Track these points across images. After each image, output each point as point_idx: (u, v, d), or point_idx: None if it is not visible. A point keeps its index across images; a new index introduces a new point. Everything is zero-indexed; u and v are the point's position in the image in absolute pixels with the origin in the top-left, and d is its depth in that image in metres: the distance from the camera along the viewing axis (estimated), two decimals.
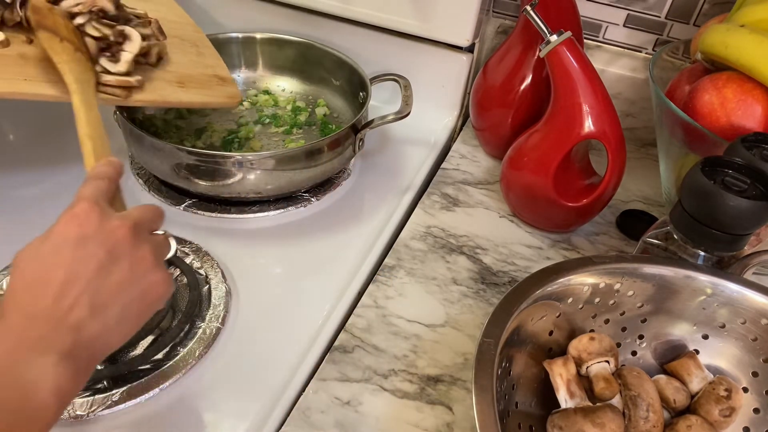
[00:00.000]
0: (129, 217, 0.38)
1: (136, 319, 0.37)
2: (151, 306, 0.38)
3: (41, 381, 0.31)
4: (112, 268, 0.35)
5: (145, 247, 0.38)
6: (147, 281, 0.37)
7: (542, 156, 0.63)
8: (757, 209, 0.43)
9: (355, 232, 0.68)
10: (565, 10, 0.69)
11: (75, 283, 0.34)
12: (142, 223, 0.39)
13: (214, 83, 0.70)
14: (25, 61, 0.57)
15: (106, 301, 0.35)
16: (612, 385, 0.44)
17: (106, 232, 0.36)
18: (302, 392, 0.51)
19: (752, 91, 0.55)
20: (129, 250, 0.36)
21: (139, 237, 0.38)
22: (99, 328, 0.34)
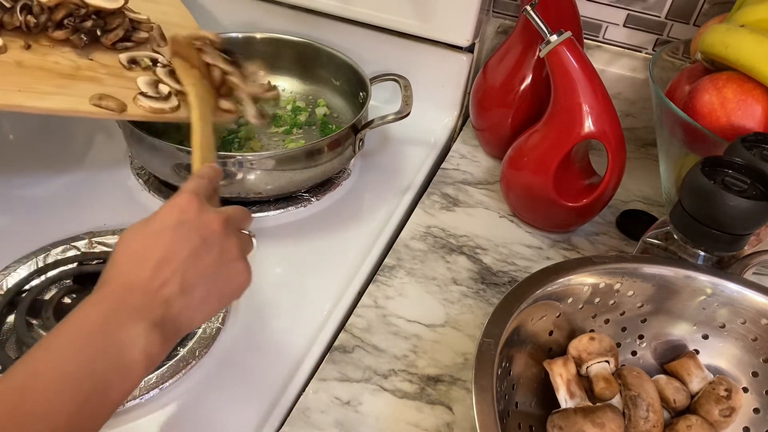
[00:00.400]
0: (223, 212, 0.42)
1: (217, 301, 0.40)
2: (233, 292, 0.42)
3: (134, 343, 0.34)
4: (203, 253, 0.39)
5: (233, 240, 0.41)
6: (231, 269, 0.41)
7: (542, 156, 0.63)
8: (757, 209, 0.43)
9: (355, 232, 0.68)
10: (565, 10, 0.69)
11: (170, 263, 0.37)
12: (233, 220, 0.43)
13: (211, 96, 0.69)
14: (21, 69, 0.56)
15: (195, 282, 0.38)
16: (612, 385, 0.44)
17: (203, 221, 0.40)
18: (302, 392, 0.51)
19: (752, 91, 0.55)
20: (219, 239, 0.40)
21: (229, 230, 0.41)
22: (185, 304, 0.38)
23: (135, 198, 0.69)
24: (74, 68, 0.60)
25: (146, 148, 0.66)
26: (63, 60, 0.60)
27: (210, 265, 0.39)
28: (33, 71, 0.56)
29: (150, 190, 0.70)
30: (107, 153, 0.77)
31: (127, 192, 0.70)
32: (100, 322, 0.35)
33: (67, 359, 0.33)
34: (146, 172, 0.72)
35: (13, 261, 0.58)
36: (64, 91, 0.56)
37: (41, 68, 0.57)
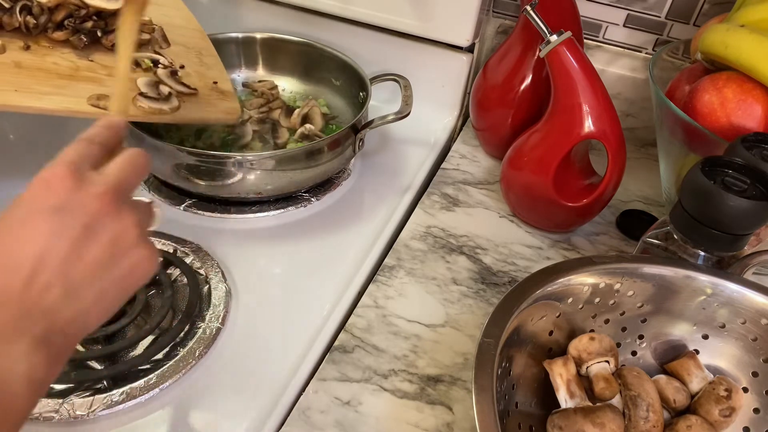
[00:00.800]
0: (108, 180, 0.33)
1: (115, 299, 0.33)
2: (134, 285, 0.34)
3: (12, 370, 0.29)
4: (89, 244, 0.31)
5: (127, 218, 0.33)
6: (130, 259, 0.33)
7: (542, 156, 0.63)
8: (757, 209, 0.43)
9: (355, 232, 0.68)
10: (565, 10, 0.69)
11: (47, 263, 0.30)
12: (124, 186, 0.34)
13: (213, 97, 0.69)
14: (19, 69, 0.56)
15: (82, 283, 0.31)
16: (612, 385, 0.44)
17: (83, 201, 0.32)
18: (302, 392, 0.51)
19: (752, 91, 0.55)
20: (108, 222, 0.32)
21: (121, 206, 0.33)
22: (74, 311, 0.31)
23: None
24: (73, 69, 0.60)
25: (146, 148, 0.65)
26: (62, 61, 0.60)
27: (99, 257, 0.32)
28: (31, 72, 0.56)
29: (150, 190, 0.70)
30: None
31: None
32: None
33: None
34: None
35: None
36: (62, 91, 0.56)
37: (40, 69, 0.56)
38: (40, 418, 0.46)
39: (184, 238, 0.63)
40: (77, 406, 0.47)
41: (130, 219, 0.33)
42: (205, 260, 0.60)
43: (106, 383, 0.49)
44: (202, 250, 0.62)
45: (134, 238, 0.33)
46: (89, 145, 0.35)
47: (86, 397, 0.47)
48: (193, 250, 0.62)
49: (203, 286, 0.58)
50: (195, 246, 0.62)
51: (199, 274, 0.59)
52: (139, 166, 0.36)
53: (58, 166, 0.32)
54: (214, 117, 0.67)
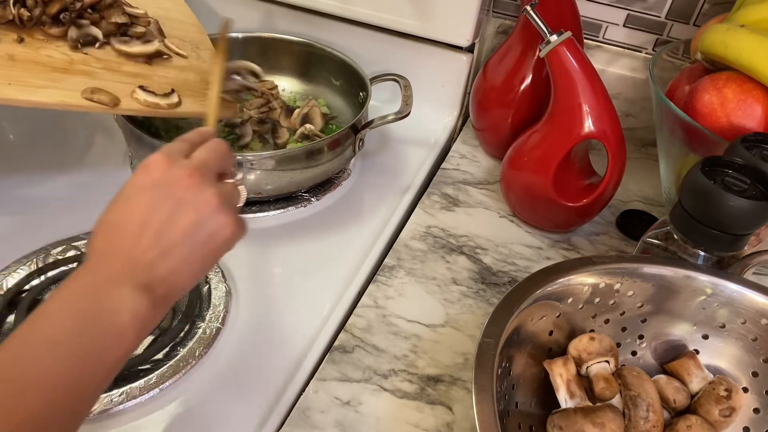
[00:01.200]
0: (192, 162, 0.40)
1: (202, 260, 0.39)
2: (219, 248, 0.40)
3: (120, 308, 0.35)
4: (178, 213, 0.38)
5: (209, 191, 0.39)
6: (212, 225, 0.39)
7: (542, 156, 0.63)
8: (757, 209, 0.43)
9: (355, 232, 0.68)
10: (565, 10, 0.69)
11: (147, 228, 0.37)
12: (207, 167, 0.41)
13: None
14: (13, 63, 0.55)
15: (174, 245, 0.37)
16: (612, 385, 0.44)
17: (172, 179, 0.38)
18: (302, 392, 0.51)
19: (752, 91, 0.55)
20: (193, 195, 0.38)
21: (204, 182, 0.39)
22: (170, 267, 0.37)
23: None
24: (68, 62, 0.59)
25: (146, 148, 0.66)
26: (57, 54, 0.59)
27: (187, 224, 0.38)
28: (25, 65, 0.56)
29: None
30: (107, 153, 0.77)
31: None
32: (84, 291, 0.35)
33: (55, 328, 0.33)
34: None
35: (13, 261, 0.58)
36: (57, 84, 0.56)
37: (34, 62, 0.56)
38: None
39: None
40: None
41: (211, 191, 0.39)
42: None
43: None
44: None
45: (215, 207, 0.39)
46: (181, 142, 0.42)
47: None
48: None
49: (203, 286, 0.58)
50: None
51: None
52: (219, 151, 0.42)
53: (157, 155, 0.40)
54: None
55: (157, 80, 0.64)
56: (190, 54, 0.71)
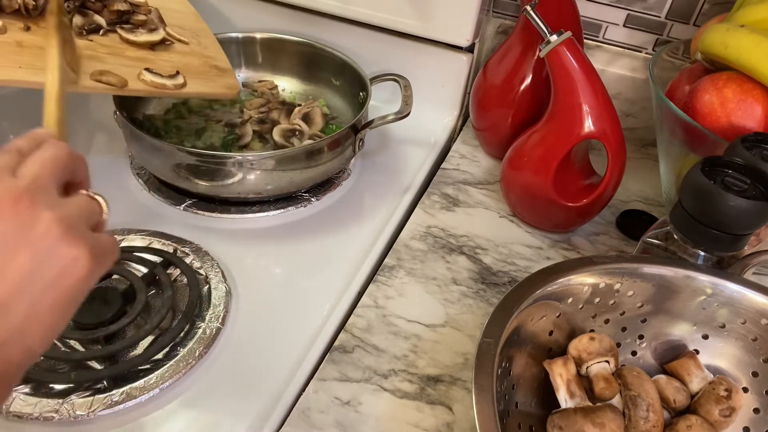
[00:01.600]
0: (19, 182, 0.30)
1: (51, 314, 0.30)
2: (74, 288, 0.30)
3: None
4: (7, 258, 0.29)
5: (45, 218, 0.29)
6: (56, 263, 0.30)
7: (542, 156, 0.63)
8: (757, 209, 0.43)
9: (355, 232, 0.68)
10: (565, 10, 0.69)
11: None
12: (40, 184, 0.31)
13: (213, 74, 0.69)
14: (21, 48, 0.56)
15: (7, 300, 0.28)
16: (612, 385, 0.44)
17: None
18: (302, 392, 0.51)
19: (752, 91, 0.55)
20: (24, 227, 0.29)
21: (36, 206, 0.30)
22: (4, 334, 0.28)
23: (135, 198, 0.69)
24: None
25: (146, 148, 0.66)
26: None
27: (22, 267, 0.29)
28: (33, 50, 0.56)
29: (150, 190, 0.70)
30: (107, 153, 0.77)
31: (127, 192, 0.70)
32: None
33: None
34: (146, 172, 0.72)
35: None
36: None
37: (42, 47, 0.57)
38: (40, 418, 0.46)
39: (184, 238, 0.63)
40: (77, 406, 0.47)
41: (47, 217, 0.30)
42: (205, 260, 0.60)
43: (106, 383, 0.49)
44: (202, 250, 0.62)
45: (56, 238, 0.30)
46: (6, 154, 0.32)
47: (86, 397, 0.47)
48: (193, 250, 0.61)
49: (203, 286, 0.58)
50: (195, 246, 0.62)
51: (199, 274, 0.59)
52: (56, 158, 0.33)
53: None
54: (215, 92, 0.68)
55: (161, 64, 0.65)
56: (191, 41, 0.71)
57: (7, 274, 0.28)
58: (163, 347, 0.52)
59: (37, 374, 0.49)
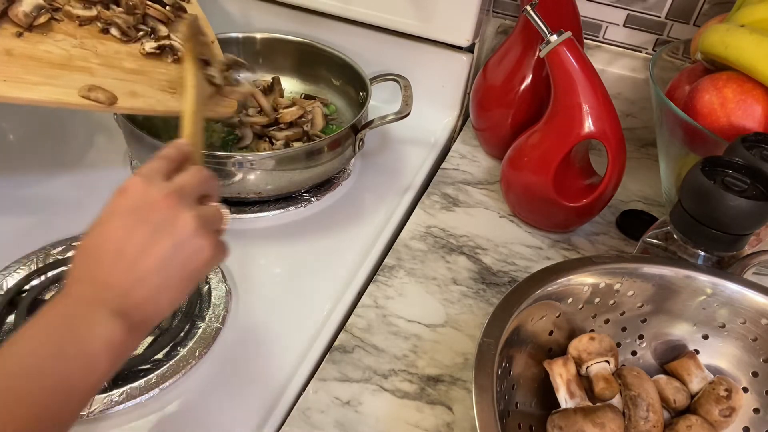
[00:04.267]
0: (171, 185, 0.40)
1: (179, 285, 0.39)
2: (197, 271, 0.39)
3: (95, 333, 0.34)
4: (153, 239, 0.37)
5: (186, 214, 0.38)
6: (188, 248, 0.38)
7: (542, 156, 0.63)
8: (757, 209, 0.43)
9: (355, 232, 0.68)
10: (565, 10, 0.69)
11: (122, 255, 0.37)
12: (187, 190, 0.40)
13: (209, 88, 0.68)
14: (9, 58, 0.54)
15: (149, 272, 0.37)
16: (612, 385, 0.44)
17: (148, 202, 0.38)
18: (302, 392, 0.51)
19: (752, 91, 0.55)
20: (170, 219, 0.38)
21: (181, 205, 0.39)
22: (145, 293, 0.37)
23: None
24: (66, 58, 0.58)
25: (146, 148, 0.66)
26: (55, 49, 0.59)
27: (164, 249, 0.37)
28: (22, 60, 0.55)
29: None
30: (107, 153, 0.77)
31: None
32: (58, 317, 0.35)
33: (27, 358, 0.33)
34: None
35: (13, 261, 0.58)
36: (53, 81, 0.55)
37: (31, 57, 0.55)
38: None
39: None
40: None
41: (188, 214, 0.38)
42: None
43: (106, 383, 0.49)
44: None
45: (191, 231, 0.38)
46: (159, 160, 0.42)
47: None
48: None
49: (203, 286, 0.58)
50: None
51: None
52: (199, 176, 0.42)
53: (134, 177, 0.39)
54: (209, 111, 0.66)
55: (157, 77, 0.64)
56: None
57: (153, 251, 0.37)
58: (163, 347, 0.52)
59: None
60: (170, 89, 0.63)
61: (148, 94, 0.61)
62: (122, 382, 0.49)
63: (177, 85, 0.64)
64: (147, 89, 0.61)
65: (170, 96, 0.62)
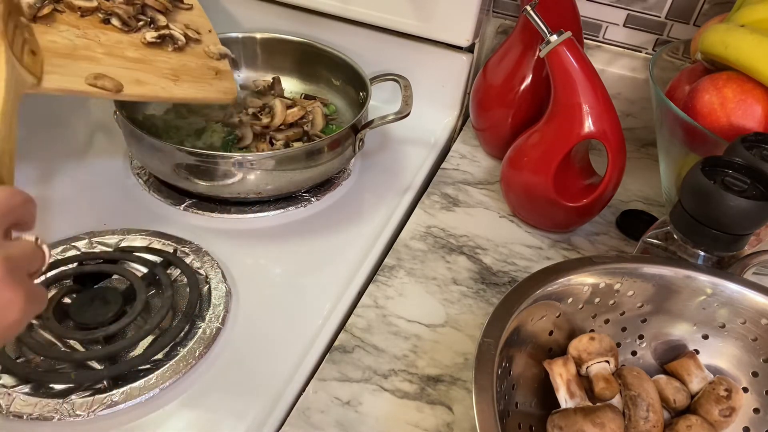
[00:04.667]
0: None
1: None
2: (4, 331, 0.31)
3: None
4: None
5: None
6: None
7: (542, 156, 0.63)
8: (757, 209, 0.43)
9: (355, 232, 0.68)
10: (565, 10, 0.69)
11: None
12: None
13: (210, 76, 0.68)
14: None
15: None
16: (612, 385, 0.44)
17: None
18: (302, 392, 0.51)
19: (752, 91, 0.55)
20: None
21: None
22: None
23: (135, 198, 0.69)
24: (71, 47, 0.59)
25: (146, 148, 0.66)
26: (60, 39, 0.59)
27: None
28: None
29: (150, 190, 0.70)
30: (107, 153, 0.77)
31: (127, 192, 0.70)
32: None
33: None
34: (146, 172, 0.72)
35: None
36: (60, 70, 0.55)
37: None
38: (40, 418, 0.46)
39: (184, 238, 0.63)
40: (77, 406, 0.47)
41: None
42: (205, 260, 0.60)
43: (106, 383, 0.49)
44: (202, 250, 0.62)
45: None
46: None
47: (86, 397, 0.47)
48: (193, 250, 0.62)
49: (203, 286, 0.58)
50: (195, 246, 0.62)
51: (199, 274, 0.59)
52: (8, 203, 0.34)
53: None
54: (209, 97, 0.67)
55: (159, 66, 0.64)
56: (196, 38, 0.71)
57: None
58: (163, 347, 0.52)
59: (37, 374, 0.49)
60: (173, 77, 0.64)
61: (152, 82, 0.62)
62: (122, 382, 0.49)
63: (179, 72, 0.65)
64: (151, 77, 0.62)
65: (173, 83, 0.63)
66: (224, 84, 0.69)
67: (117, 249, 0.61)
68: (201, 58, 0.70)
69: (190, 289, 0.56)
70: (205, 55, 0.70)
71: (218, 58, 0.70)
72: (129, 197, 0.69)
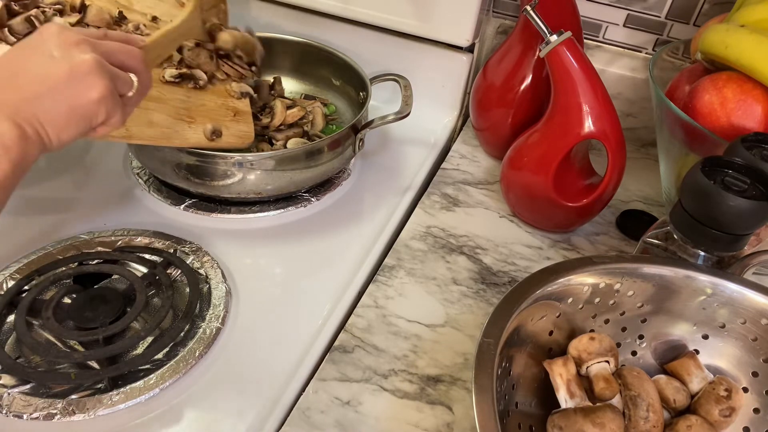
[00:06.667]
0: (87, 37, 0.43)
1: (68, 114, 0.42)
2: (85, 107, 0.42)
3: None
4: (49, 67, 0.41)
5: (88, 56, 0.42)
6: (81, 84, 0.42)
7: (542, 156, 0.63)
8: (757, 209, 0.43)
9: (355, 232, 0.68)
10: (565, 10, 0.69)
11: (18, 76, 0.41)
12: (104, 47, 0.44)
13: (227, 118, 0.66)
14: None
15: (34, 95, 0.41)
16: (612, 385, 0.44)
17: (59, 41, 0.42)
18: (302, 392, 0.51)
19: (752, 91, 0.55)
20: (72, 55, 0.42)
21: (88, 48, 0.42)
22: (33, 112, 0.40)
23: (135, 198, 0.69)
24: None
25: (146, 147, 0.66)
26: None
27: (57, 77, 0.41)
28: None
29: (150, 190, 0.70)
30: (107, 153, 0.77)
31: (127, 192, 0.70)
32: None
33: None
34: (146, 172, 0.72)
35: (13, 261, 0.58)
36: None
37: None
38: (40, 418, 0.46)
39: (184, 238, 0.63)
40: (77, 406, 0.47)
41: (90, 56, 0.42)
42: (205, 260, 0.60)
43: (106, 383, 0.49)
44: (202, 250, 0.62)
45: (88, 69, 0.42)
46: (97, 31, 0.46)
47: (86, 397, 0.47)
48: (193, 250, 0.62)
49: (203, 286, 0.58)
50: (195, 246, 0.62)
51: (199, 274, 0.59)
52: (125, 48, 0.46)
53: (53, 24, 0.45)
54: (226, 141, 0.65)
55: (175, 105, 0.62)
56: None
57: (45, 77, 0.41)
58: (163, 347, 0.52)
59: (37, 374, 0.49)
60: (188, 118, 0.62)
61: (166, 125, 0.60)
62: (122, 382, 0.49)
63: (195, 114, 0.63)
64: (165, 118, 0.60)
65: (187, 125, 0.62)
66: (240, 128, 0.68)
67: (117, 249, 0.61)
68: (221, 96, 0.68)
69: (190, 289, 0.56)
70: (226, 93, 0.69)
71: (239, 97, 0.69)
72: (129, 197, 0.69)
